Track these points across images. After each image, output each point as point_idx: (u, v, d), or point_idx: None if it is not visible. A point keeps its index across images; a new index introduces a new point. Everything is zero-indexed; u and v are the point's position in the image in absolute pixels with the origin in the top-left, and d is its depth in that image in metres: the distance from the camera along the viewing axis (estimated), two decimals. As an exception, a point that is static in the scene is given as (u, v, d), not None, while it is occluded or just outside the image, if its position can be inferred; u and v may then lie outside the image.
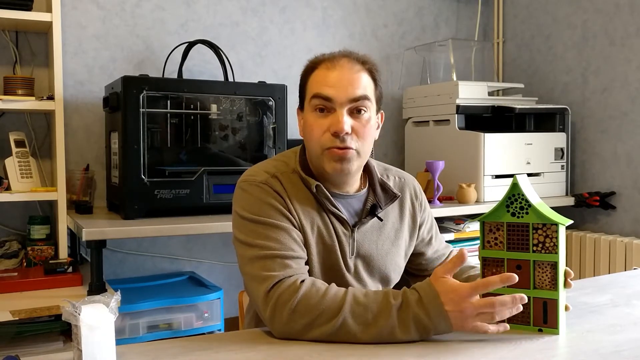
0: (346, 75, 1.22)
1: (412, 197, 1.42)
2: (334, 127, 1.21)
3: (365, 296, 1.09)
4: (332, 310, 1.07)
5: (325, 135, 1.23)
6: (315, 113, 1.24)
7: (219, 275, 2.82)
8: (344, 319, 1.06)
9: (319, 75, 1.25)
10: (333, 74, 1.23)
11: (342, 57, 1.26)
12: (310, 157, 1.29)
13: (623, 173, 2.86)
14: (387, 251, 1.34)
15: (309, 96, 1.26)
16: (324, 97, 1.22)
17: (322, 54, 1.29)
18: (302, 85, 1.30)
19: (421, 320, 1.05)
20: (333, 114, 1.22)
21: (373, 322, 1.05)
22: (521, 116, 3.03)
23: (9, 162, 2.25)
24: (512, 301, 1.04)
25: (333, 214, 1.28)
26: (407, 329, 1.05)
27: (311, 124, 1.25)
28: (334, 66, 1.24)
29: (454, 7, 3.45)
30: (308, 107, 1.26)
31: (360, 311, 1.06)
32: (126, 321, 2.16)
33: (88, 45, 2.57)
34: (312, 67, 1.27)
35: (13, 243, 2.38)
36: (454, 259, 1.09)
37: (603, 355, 1.00)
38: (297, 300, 1.08)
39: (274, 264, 1.15)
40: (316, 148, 1.25)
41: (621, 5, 2.84)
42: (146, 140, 2.22)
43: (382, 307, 1.06)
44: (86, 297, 0.97)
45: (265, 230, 1.19)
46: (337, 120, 1.21)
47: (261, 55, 2.92)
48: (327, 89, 1.22)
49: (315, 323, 1.07)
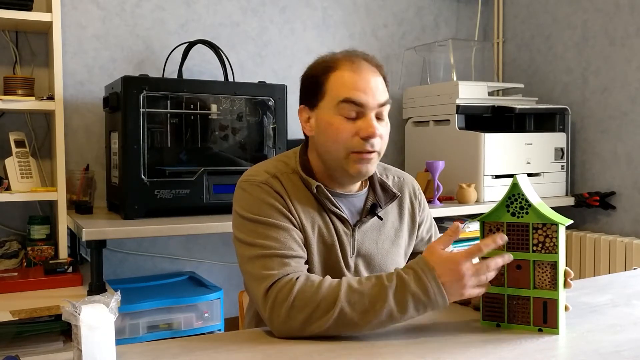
0: (372, 80, 1.23)
1: (411, 196, 1.42)
2: (364, 131, 1.21)
3: (359, 283, 1.10)
4: (329, 301, 1.07)
5: (354, 139, 1.22)
6: (341, 117, 1.22)
7: (219, 275, 2.82)
8: (342, 308, 1.06)
9: (346, 78, 1.22)
10: (361, 78, 1.22)
11: (361, 60, 1.25)
12: (327, 158, 1.27)
13: (623, 173, 2.86)
14: (388, 250, 1.34)
15: (334, 99, 1.23)
16: (357, 103, 1.21)
17: (333, 53, 1.28)
18: (317, 84, 1.26)
19: (419, 298, 1.07)
20: (362, 118, 1.22)
21: (371, 308, 1.06)
22: (521, 116, 3.03)
23: (9, 162, 2.25)
24: (502, 259, 1.09)
25: (334, 214, 1.28)
26: (404, 309, 1.07)
27: (337, 127, 1.23)
28: (360, 69, 1.23)
29: (454, 7, 3.45)
30: (332, 110, 1.23)
31: (357, 298, 1.07)
32: (126, 321, 2.16)
33: (88, 45, 2.57)
34: (330, 67, 1.25)
35: (13, 243, 2.38)
36: (449, 231, 1.11)
37: (603, 355, 1.00)
38: (293, 296, 1.09)
39: (273, 263, 1.15)
40: (340, 150, 1.24)
41: (621, 5, 2.84)
42: (146, 140, 2.22)
43: (378, 290, 1.07)
44: (86, 297, 0.97)
45: (266, 229, 1.19)
46: (368, 125, 1.21)
47: (261, 55, 2.92)
48: (359, 94, 1.21)
49: (314, 316, 1.07)
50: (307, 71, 1.30)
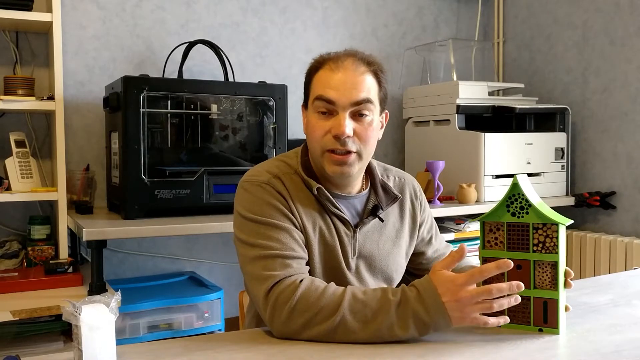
0: (350, 78, 1.22)
1: (412, 197, 1.42)
2: (335, 130, 1.21)
3: (364, 294, 1.09)
4: (331, 307, 1.07)
5: (326, 137, 1.23)
6: (317, 114, 1.24)
7: (219, 275, 2.82)
8: (343, 316, 1.06)
9: (323, 76, 1.24)
10: (337, 75, 1.22)
11: (347, 58, 1.25)
12: (312, 156, 1.29)
13: (623, 173, 2.86)
14: (389, 251, 1.34)
15: (312, 97, 1.26)
16: (327, 100, 1.22)
17: (328, 53, 1.28)
18: (306, 84, 1.29)
19: (420, 317, 1.05)
20: (335, 116, 1.22)
21: (372, 319, 1.05)
22: (521, 116, 3.03)
23: (10, 162, 2.25)
24: (509, 288, 1.05)
25: (335, 215, 1.28)
26: (405, 326, 1.05)
27: (313, 124, 1.25)
28: (338, 67, 1.23)
29: (454, 7, 3.45)
30: (311, 108, 1.26)
31: (359, 308, 1.07)
32: (126, 321, 2.16)
33: (88, 45, 2.57)
34: (316, 67, 1.27)
35: (13, 243, 2.38)
36: (453, 253, 1.10)
37: (603, 355, 1.00)
38: (296, 298, 1.08)
39: (274, 264, 1.15)
40: (317, 149, 1.25)
41: (621, 5, 2.84)
42: (146, 140, 2.22)
43: (381, 303, 1.07)
44: (86, 297, 0.97)
45: (267, 230, 1.19)
46: (338, 124, 1.21)
47: (261, 56, 2.92)
48: (330, 91, 1.22)
49: (314, 321, 1.07)
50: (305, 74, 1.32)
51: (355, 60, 1.24)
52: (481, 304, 1.05)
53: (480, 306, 1.05)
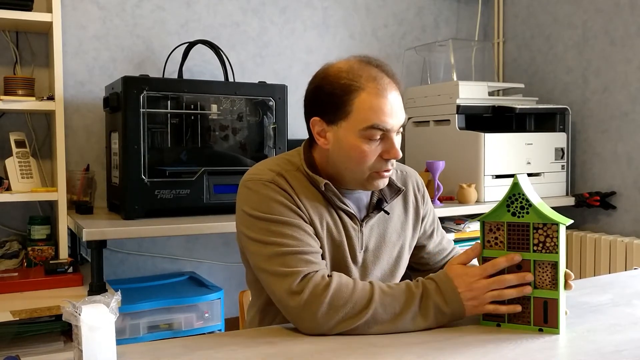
0: (396, 102, 1.23)
1: (415, 190, 1.43)
2: (387, 154, 1.23)
3: (390, 287, 1.15)
4: (364, 302, 1.11)
5: (378, 160, 1.23)
6: (366, 140, 1.22)
7: (219, 275, 2.82)
8: (375, 310, 1.10)
9: (370, 102, 1.20)
10: (385, 101, 1.20)
11: (384, 77, 1.23)
12: (345, 173, 1.26)
13: (623, 173, 2.86)
14: (394, 244, 1.36)
15: (361, 123, 1.20)
16: (384, 129, 1.21)
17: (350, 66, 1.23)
18: (341, 103, 1.21)
19: (440, 307, 1.12)
20: (384, 140, 1.22)
21: (400, 312, 1.11)
22: (521, 116, 3.03)
23: (10, 162, 2.25)
24: (518, 279, 1.12)
25: (342, 210, 1.29)
26: (427, 317, 1.12)
27: (364, 150, 1.22)
28: (384, 92, 1.21)
29: (454, 7, 3.45)
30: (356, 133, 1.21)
31: (389, 301, 1.12)
32: (126, 321, 2.16)
33: (88, 45, 2.57)
34: (356, 87, 1.20)
35: (13, 243, 2.38)
36: (468, 250, 1.17)
37: (603, 355, 1.00)
38: (330, 294, 1.11)
39: (294, 260, 1.15)
40: (365, 171, 1.24)
41: (621, 5, 2.84)
42: (146, 141, 2.22)
43: (407, 296, 1.13)
44: (86, 297, 0.96)
45: (279, 227, 1.19)
46: (392, 147, 1.23)
47: (261, 56, 2.92)
48: (386, 120, 1.20)
49: (349, 315, 1.10)
50: (324, 84, 1.24)
51: (392, 81, 1.24)
52: (492, 292, 1.12)
53: (492, 294, 1.12)
